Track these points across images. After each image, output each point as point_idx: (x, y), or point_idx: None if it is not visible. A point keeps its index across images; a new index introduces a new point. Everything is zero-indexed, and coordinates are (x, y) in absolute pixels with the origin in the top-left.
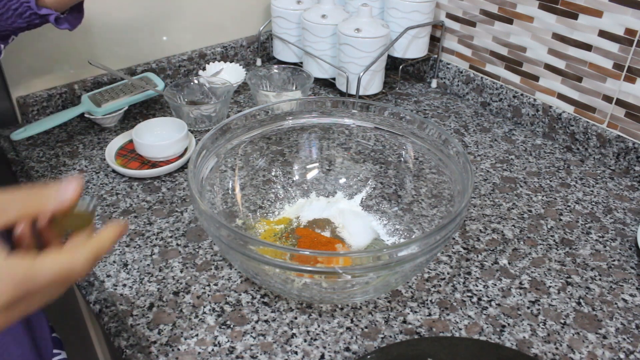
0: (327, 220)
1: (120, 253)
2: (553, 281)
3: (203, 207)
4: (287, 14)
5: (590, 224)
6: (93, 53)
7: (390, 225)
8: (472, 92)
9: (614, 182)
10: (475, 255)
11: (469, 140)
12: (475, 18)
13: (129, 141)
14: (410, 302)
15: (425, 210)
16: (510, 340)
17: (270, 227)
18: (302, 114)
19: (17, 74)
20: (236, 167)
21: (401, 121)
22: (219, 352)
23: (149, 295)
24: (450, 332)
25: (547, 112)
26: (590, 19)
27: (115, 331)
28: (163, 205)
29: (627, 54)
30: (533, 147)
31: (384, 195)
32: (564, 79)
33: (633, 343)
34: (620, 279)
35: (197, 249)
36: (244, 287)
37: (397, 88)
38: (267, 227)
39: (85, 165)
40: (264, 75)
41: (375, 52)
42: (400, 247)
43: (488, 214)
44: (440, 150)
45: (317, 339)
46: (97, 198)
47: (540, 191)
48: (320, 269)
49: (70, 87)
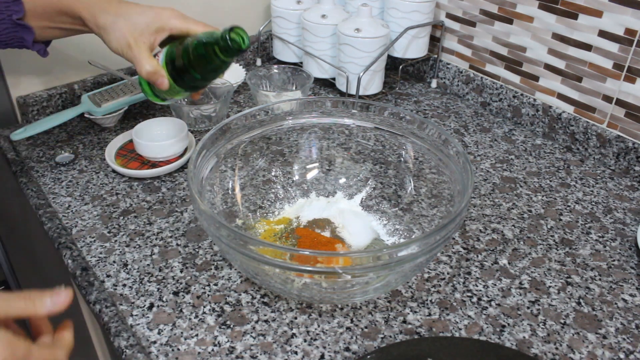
0: (327, 220)
1: (120, 253)
2: (553, 281)
3: (203, 207)
4: (287, 14)
5: (590, 224)
6: (93, 53)
7: (390, 225)
8: (472, 92)
9: (614, 182)
10: (475, 255)
11: (469, 140)
12: (475, 18)
13: (129, 141)
14: (410, 302)
15: (425, 210)
16: (510, 340)
17: (270, 227)
18: (302, 114)
19: (17, 74)
20: (236, 167)
21: (401, 121)
22: (219, 352)
23: (149, 295)
24: (450, 332)
25: (547, 112)
26: (590, 19)
27: (115, 331)
28: (163, 205)
29: (627, 54)
30: (533, 147)
31: (384, 195)
32: (564, 79)
33: (633, 343)
34: (620, 279)
35: (197, 249)
36: (244, 287)
37: (397, 88)
38: (267, 227)
39: (85, 165)
40: (264, 75)
41: (375, 52)
42: (400, 247)
43: (488, 214)
44: (440, 150)
45: (317, 339)
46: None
47: (540, 191)
48: (320, 269)
49: (70, 87)
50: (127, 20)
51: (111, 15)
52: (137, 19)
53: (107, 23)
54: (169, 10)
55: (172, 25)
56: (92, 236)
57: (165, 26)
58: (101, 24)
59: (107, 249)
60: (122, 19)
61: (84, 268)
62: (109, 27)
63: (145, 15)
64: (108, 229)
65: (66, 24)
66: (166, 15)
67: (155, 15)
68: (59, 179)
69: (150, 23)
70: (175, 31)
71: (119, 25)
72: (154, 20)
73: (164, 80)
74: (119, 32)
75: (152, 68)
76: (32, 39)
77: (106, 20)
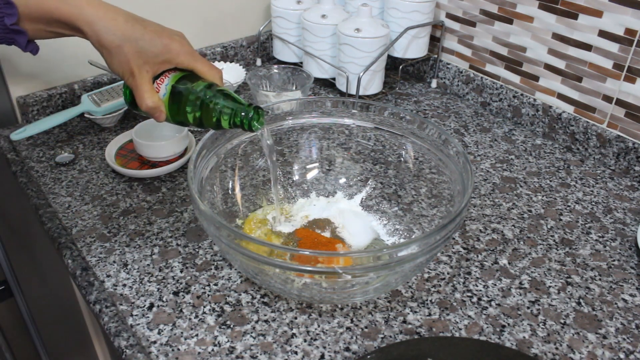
0: (327, 221)
1: (120, 253)
2: (553, 281)
3: (203, 207)
4: (287, 14)
5: (590, 224)
6: (93, 53)
7: (390, 225)
8: (472, 92)
9: (614, 182)
10: (475, 255)
11: (469, 140)
12: (475, 18)
13: (129, 141)
14: (410, 302)
15: (425, 210)
16: (510, 340)
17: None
18: (302, 114)
19: (17, 74)
20: (236, 167)
21: (401, 121)
22: (219, 352)
23: (149, 295)
24: (450, 332)
25: (547, 112)
26: (590, 19)
27: (115, 331)
28: (163, 205)
29: (627, 54)
30: (533, 147)
31: (384, 195)
32: (564, 79)
33: (633, 343)
34: (620, 279)
35: (197, 249)
36: (244, 287)
37: (397, 88)
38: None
39: (85, 165)
40: (264, 75)
41: (375, 52)
42: (400, 247)
43: (488, 214)
44: (440, 150)
45: (317, 339)
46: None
47: (540, 191)
48: (320, 269)
49: (70, 87)
50: (133, 46)
51: (117, 37)
52: (145, 46)
53: (112, 46)
54: (178, 43)
55: (180, 60)
56: (92, 236)
57: (173, 60)
58: (105, 44)
59: (107, 249)
60: (128, 45)
61: (84, 268)
62: (113, 50)
63: (154, 45)
64: (108, 229)
65: (64, 30)
66: (175, 49)
67: (163, 48)
68: (59, 179)
69: (158, 54)
70: (181, 66)
71: (124, 50)
72: (162, 52)
73: (161, 115)
74: (123, 57)
75: (153, 104)
76: (25, 42)
77: (112, 42)
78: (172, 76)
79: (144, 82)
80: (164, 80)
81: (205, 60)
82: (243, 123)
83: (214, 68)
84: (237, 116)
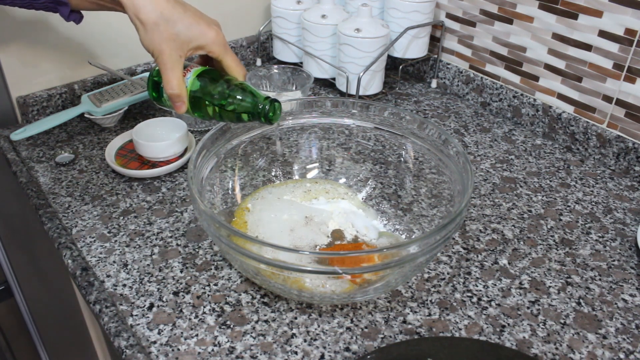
0: (340, 231)
1: (120, 253)
2: (553, 281)
3: (203, 207)
4: (287, 14)
5: (590, 224)
6: (93, 53)
7: (390, 225)
8: (472, 92)
9: (614, 182)
10: (475, 255)
11: (469, 140)
12: (475, 18)
13: (129, 141)
14: (410, 302)
15: (425, 210)
16: (510, 340)
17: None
18: (302, 114)
19: (17, 74)
20: (236, 167)
21: (401, 121)
22: (219, 352)
23: (149, 295)
24: (450, 332)
25: (547, 112)
26: (590, 19)
27: (115, 331)
28: (163, 205)
29: (627, 54)
30: (533, 147)
31: (384, 195)
32: (564, 79)
33: (633, 343)
34: (620, 279)
35: (197, 249)
36: (244, 287)
37: (397, 88)
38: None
39: (85, 165)
40: (264, 75)
41: (375, 52)
42: (401, 247)
43: (488, 214)
44: (440, 150)
45: (317, 339)
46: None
47: (540, 191)
48: (320, 269)
49: (70, 87)
50: (169, 27)
51: (156, 14)
52: (181, 30)
53: (149, 22)
54: (215, 32)
55: (212, 49)
56: (92, 236)
57: (206, 48)
58: (142, 19)
59: (107, 249)
60: (165, 24)
61: (84, 268)
62: (149, 26)
63: (190, 30)
64: (108, 229)
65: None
66: (211, 37)
67: (199, 34)
68: (59, 179)
69: (193, 39)
70: (212, 55)
71: (160, 29)
72: (196, 38)
73: (182, 106)
74: (157, 35)
75: (178, 91)
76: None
77: (149, 18)
78: (194, 70)
79: (174, 65)
80: (186, 74)
81: (235, 55)
82: (263, 116)
83: (240, 65)
84: (257, 110)
